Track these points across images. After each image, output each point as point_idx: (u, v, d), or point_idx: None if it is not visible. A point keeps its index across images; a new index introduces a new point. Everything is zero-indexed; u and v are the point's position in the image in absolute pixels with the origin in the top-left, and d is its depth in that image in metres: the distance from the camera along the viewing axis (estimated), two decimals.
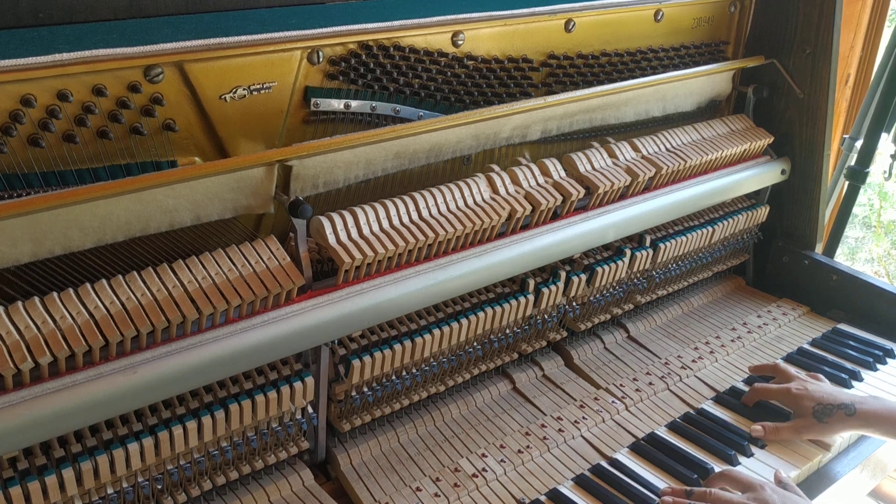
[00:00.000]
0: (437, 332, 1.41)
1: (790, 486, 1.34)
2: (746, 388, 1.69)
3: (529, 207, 1.46)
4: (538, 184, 1.52)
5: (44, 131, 1.09)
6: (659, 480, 1.41)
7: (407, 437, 1.49)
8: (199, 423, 1.18)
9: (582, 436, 1.53)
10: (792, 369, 1.65)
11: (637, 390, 1.65)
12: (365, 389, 1.39)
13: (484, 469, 1.41)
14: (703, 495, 1.32)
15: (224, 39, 1.21)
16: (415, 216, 1.36)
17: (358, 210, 1.31)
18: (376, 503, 1.33)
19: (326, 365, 1.33)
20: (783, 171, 2.01)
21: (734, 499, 1.29)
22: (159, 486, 1.20)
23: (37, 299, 1.04)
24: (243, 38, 1.23)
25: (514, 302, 1.51)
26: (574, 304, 1.69)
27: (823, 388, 1.57)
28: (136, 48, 1.13)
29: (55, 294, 1.05)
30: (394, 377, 1.42)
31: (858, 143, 2.57)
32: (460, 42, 1.50)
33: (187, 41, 1.17)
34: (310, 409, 1.33)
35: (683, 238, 1.82)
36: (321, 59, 1.33)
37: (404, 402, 1.47)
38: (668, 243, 1.78)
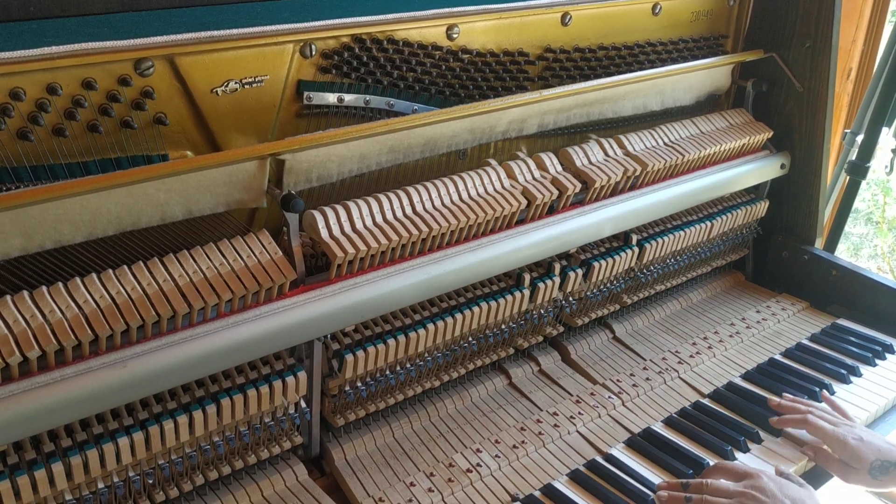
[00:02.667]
0: (431, 326, 1.41)
1: (791, 476, 1.33)
2: (744, 384, 1.68)
3: (525, 202, 1.45)
4: (534, 178, 1.52)
5: (33, 125, 1.09)
6: (654, 476, 1.40)
7: (402, 433, 1.48)
8: (189, 418, 1.18)
9: (577, 431, 1.52)
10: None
11: (634, 386, 1.65)
12: (359, 384, 1.39)
13: (478, 464, 1.41)
14: (700, 487, 1.31)
15: (215, 33, 1.20)
16: (409, 210, 1.36)
17: (351, 204, 1.30)
18: (370, 498, 1.33)
19: (320, 360, 1.33)
20: (783, 166, 2.00)
21: (730, 487, 1.29)
22: (150, 482, 1.19)
23: (25, 293, 1.04)
24: (234, 31, 1.22)
25: (509, 297, 1.50)
26: (571, 299, 1.68)
27: (876, 439, 1.44)
28: (126, 41, 1.13)
29: (44, 288, 1.05)
30: (388, 372, 1.42)
31: (859, 138, 2.56)
32: (455, 35, 1.49)
33: (178, 34, 1.17)
34: (303, 404, 1.33)
35: (681, 233, 1.81)
36: (314, 53, 1.33)
37: (399, 398, 1.47)
38: (664, 238, 1.77)
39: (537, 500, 1.34)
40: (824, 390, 1.64)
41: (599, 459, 1.44)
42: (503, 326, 1.56)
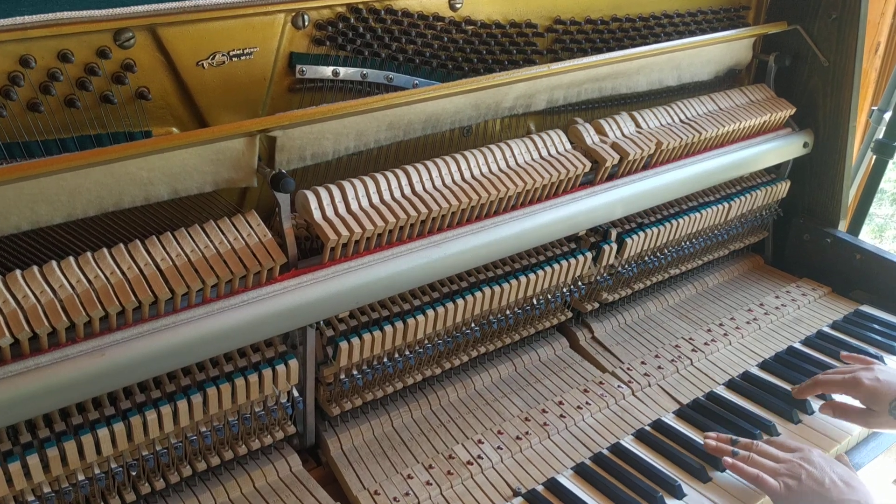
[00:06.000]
0: (430, 312, 1.34)
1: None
2: (761, 373, 1.61)
3: (531, 182, 1.38)
4: (541, 157, 1.44)
5: (5, 99, 1.03)
6: (664, 470, 1.34)
7: (401, 422, 1.43)
8: (174, 408, 1.13)
9: (584, 422, 1.46)
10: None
11: (645, 374, 1.58)
12: (354, 372, 1.33)
13: (479, 456, 1.35)
14: (748, 445, 1.33)
15: (200, 2, 1.14)
16: (407, 191, 1.29)
17: (346, 184, 1.24)
18: (365, 491, 1.27)
19: (313, 347, 1.27)
20: (805, 145, 1.91)
21: (779, 454, 1.29)
22: (134, 473, 1.15)
23: None
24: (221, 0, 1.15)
25: (514, 281, 1.43)
26: (580, 283, 1.61)
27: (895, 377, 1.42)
28: (105, 11, 1.07)
29: (18, 272, 1.00)
30: (385, 360, 1.36)
31: (887, 115, 2.45)
32: (458, 5, 1.42)
33: (160, 3, 1.11)
34: (295, 393, 1.27)
35: (698, 214, 1.73)
36: (307, 23, 1.26)
37: (397, 386, 1.41)
38: (679, 220, 1.70)
39: (540, 495, 1.28)
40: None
41: (606, 453, 1.38)
42: (508, 312, 1.50)
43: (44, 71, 1.05)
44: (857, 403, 1.43)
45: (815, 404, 1.51)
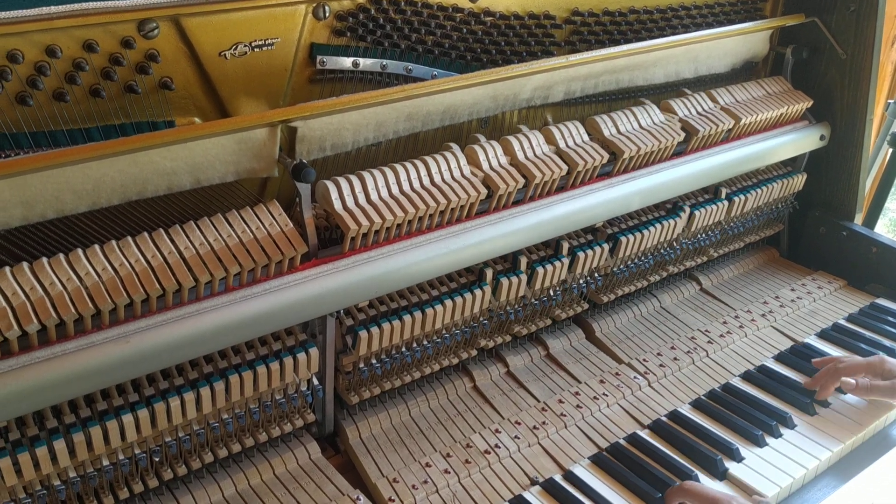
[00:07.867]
0: (448, 302, 1.35)
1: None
2: (776, 366, 1.61)
3: (549, 173, 1.39)
4: (558, 148, 1.44)
5: (32, 89, 1.04)
6: (680, 461, 1.34)
7: (418, 411, 1.44)
8: (197, 395, 1.14)
9: (601, 412, 1.46)
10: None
11: (661, 366, 1.58)
12: (373, 361, 1.34)
13: (497, 445, 1.36)
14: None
15: None
16: (426, 181, 1.30)
17: (366, 174, 1.25)
18: (384, 478, 1.29)
19: (333, 336, 1.28)
20: (822, 137, 1.91)
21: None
22: (157, 459, 1.16)
23: (25, 265, 1.00)
24: None
25: (539, 269, 1.44)
26: (596, 275, 1.61)
27: None
28: (129, 1, 1.08)
29: (44, 260, 1.01)
30: (404, 349, 1.37)
31: None
32: None
33: None
34: (315, 381, 1.28)
35: (714, 206, 1.73)
36: (327, 14, 1.26)
37: (415, 375, 1.42)
38: (697, 212, 1.70)
39: (557, 484, 1.29)
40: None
41: (623, 443, 1.38)
42: (525, 302, 1.50)
43: (69, 61, 1.06)
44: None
45: (832, 396, 1.51)
